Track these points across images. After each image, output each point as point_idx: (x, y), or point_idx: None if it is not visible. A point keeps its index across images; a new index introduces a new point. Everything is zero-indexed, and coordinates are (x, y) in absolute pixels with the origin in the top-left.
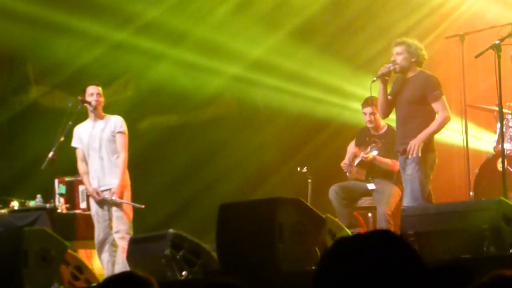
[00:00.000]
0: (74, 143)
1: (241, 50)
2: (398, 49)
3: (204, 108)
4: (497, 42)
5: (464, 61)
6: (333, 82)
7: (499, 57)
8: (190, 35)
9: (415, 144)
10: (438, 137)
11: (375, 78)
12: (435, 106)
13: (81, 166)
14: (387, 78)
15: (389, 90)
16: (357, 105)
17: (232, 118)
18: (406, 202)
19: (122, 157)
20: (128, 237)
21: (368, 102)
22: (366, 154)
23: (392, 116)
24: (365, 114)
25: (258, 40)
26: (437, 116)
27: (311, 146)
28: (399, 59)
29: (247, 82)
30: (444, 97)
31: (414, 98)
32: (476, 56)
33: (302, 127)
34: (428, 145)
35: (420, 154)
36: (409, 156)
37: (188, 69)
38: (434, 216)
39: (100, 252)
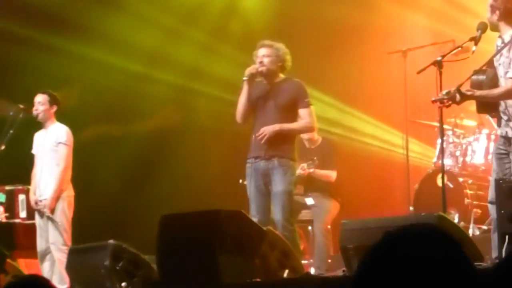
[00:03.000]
0: (32, 150)
1: (186, 59)
2: (265, 51)
3: (149, 118)
4: (438, 58)
5: (406, 77)
6: None
7: (440, 73)
8: (135, 44)
9: (269, 130)
10: (379, 150)
11: (245, 78)
12: (303, 112)
13: (33, 174)
14: (254, 79)
15: None
16: None
17: (176, 128)
18: (279, 216)
19: (59, 168)
20: (64, 248)
21: None
22: (303, 171)
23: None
24: None
25: (203, 50)
26: None
27: None
28: (266, 61)
29: (192, 92)
30: (312, 108)
31: (285, 104)
32: (418, 72)
33: (245, 139)
34: (293, 154)
35: (265, 139)
36: (255, 138)
37: (132, 78)
38: (374, 230)
39: (41, 261)
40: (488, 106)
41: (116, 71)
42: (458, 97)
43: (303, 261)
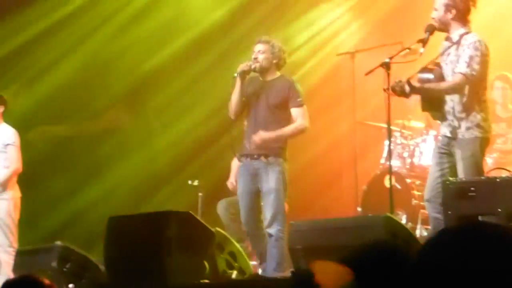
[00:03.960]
0: None
1: (134, 61)
2: (261, 47)
3: (97, 119)
4: (386, 60)
5: (355, 78)
6: (225, 95)
7: (388, 74)
8: (83, 44)
9: (263, 138)
10: (327, 152)
11: (236, 74)
12: (295, 112)
13: None
14: (247, 76)
15: None
16: None
17: (124, 130)
18: (268, 215)
19: (10, 169)
20: (10, 250)
21: None
22: None
23: None
24: None
25: (151, 52)
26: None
27: (203, 159)
28: (260, 57)
29: (140, 93)
30: (305, 107)
31: (277, 102)
32: (366, 74)
33: (194, 140)
34: (284, 154)
35: (260, 142)
36: (252, 146)
37: (81, 79)
38: (322, 231)
39: None
40: (433, 104)
41: (64, 71)
42: (407, 88)
43: (252, 262)
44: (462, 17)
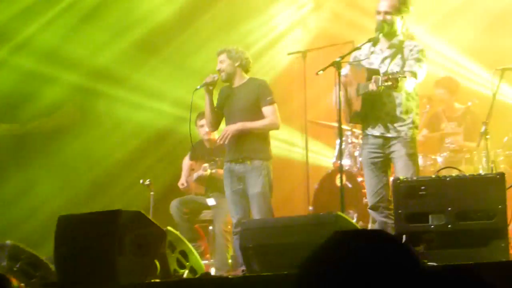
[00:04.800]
0: None
1: (85, 59)
2: (220, 57)
3: (47, 117)
4: (337, 59)
5: (306, 78)
6: (177, 94)
7: (339, 74)
8: (31, 42)
9: (231, 130)
10: (279, 151)
11: (198, 87)
12: (266, 110)
13: None
14: (211, 88)
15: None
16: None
17: (75, 128)
18: (255, 217)
19: None
20: None
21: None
22: (205, 171)
23: None
24: (201, 126)
25: (102, 49)
26: None
27: (154, 158)
28: (223, 67)
29: (91, 91)
30: (276, 105)
31: (248, 106)
32: (317, 73)
33: (146, 138)
34: (268, 154)
35: (226, 142)
36: (218, 141)
37: (29, 77)
38: (274, 230)
39: None
40: (374, 103)
41: (13, 69)
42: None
43: (204, 261)
44: (405, 22)
